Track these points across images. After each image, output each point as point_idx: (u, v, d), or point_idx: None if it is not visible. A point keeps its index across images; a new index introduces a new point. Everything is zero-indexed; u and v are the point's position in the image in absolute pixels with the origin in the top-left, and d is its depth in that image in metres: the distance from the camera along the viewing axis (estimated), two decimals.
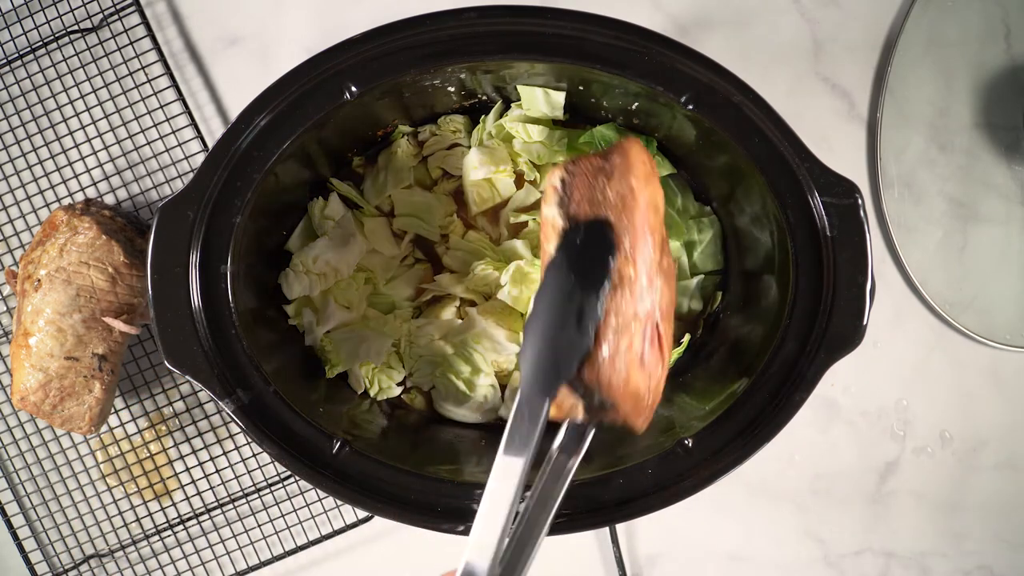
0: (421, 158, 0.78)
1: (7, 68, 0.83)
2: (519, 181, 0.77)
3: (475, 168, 0.74)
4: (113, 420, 0.84)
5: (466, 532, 0.63)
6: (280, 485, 0.84)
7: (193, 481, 0.84)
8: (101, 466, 0.85)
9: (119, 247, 0.75)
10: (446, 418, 0.78)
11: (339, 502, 0.83)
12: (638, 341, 0.57)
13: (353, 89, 0.64)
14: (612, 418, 0.59)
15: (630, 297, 0.57)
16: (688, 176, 0.76)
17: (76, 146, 0.84)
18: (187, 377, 0.64)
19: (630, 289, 0.57)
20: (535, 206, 0.77)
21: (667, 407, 0.73)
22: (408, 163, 0.76)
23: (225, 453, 0.84)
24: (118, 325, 0.76)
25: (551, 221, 0.59)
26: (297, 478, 0.82)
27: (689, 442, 0.64)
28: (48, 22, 0.83)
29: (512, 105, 0.75)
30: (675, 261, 0.75)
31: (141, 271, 0.77)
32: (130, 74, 0.83)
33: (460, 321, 0.77)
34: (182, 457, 0.85)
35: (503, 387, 0.78)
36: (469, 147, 0.76)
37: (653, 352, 0.58)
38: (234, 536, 0.84)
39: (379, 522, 0.84)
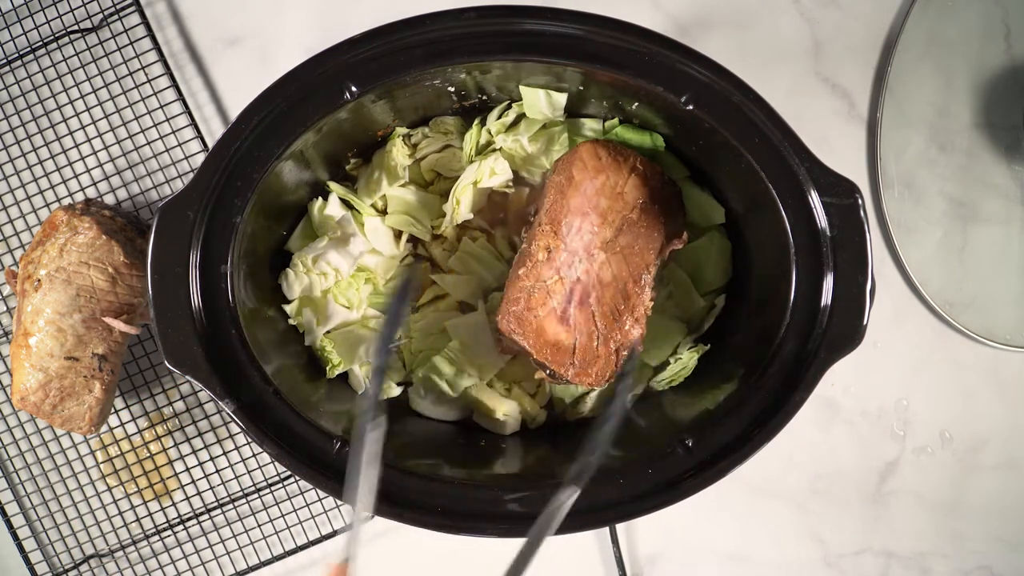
0: (415, 160, 0.77)
1: (7, 68, 0.83)
2: (519, 180, 0.77)
3: (495, 175, 0.74)
4: (113, 420, 0.84)
5: (465, 533, 0.64)
6: (280, 485, 0.84)
7: (193, 481, 0.84)
8: (101, 466, 0.85)
9: (119, 247, 0.75)
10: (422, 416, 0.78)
11: (339, 502, 0.83)
12: (558, 300, 0.67)
13: (353, 89, 0.64)
14: (557, 372, 0.68)
15: (550, 264, 0.67)
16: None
17: (76, 146, 0.84)
18: (187, 377, 0.64)
19: (554, 257, 0.67)
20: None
21: (667, 408, 0.73)
22: (403, 162, 0.76)
23: (225, 453, 0.84)
24: (118, 325, 0.76)
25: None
26: (297, 478, 0.82)
27: (689, 442, 0.64)
28: (48, 22, 0.83)
29: (513, 105, 0.74)
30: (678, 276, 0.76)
31: (141, 271, 0.77)
32: (130, 74, 0.83)
33: (459, 316, 0.77)
34: (182, 457, 0.85)
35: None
36: (461, 148, 0.76)
37: (582, 312, 0.67)
38: (234, 536, 0.84)
39: (379, 522, 0.84)
